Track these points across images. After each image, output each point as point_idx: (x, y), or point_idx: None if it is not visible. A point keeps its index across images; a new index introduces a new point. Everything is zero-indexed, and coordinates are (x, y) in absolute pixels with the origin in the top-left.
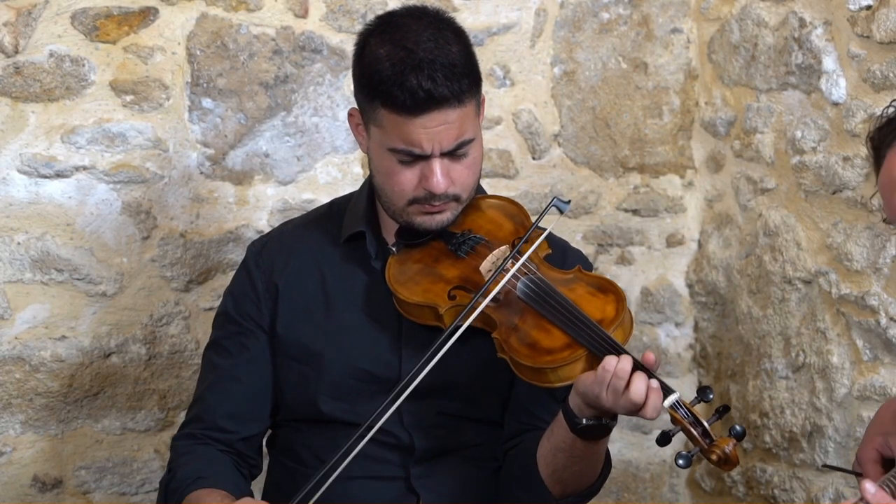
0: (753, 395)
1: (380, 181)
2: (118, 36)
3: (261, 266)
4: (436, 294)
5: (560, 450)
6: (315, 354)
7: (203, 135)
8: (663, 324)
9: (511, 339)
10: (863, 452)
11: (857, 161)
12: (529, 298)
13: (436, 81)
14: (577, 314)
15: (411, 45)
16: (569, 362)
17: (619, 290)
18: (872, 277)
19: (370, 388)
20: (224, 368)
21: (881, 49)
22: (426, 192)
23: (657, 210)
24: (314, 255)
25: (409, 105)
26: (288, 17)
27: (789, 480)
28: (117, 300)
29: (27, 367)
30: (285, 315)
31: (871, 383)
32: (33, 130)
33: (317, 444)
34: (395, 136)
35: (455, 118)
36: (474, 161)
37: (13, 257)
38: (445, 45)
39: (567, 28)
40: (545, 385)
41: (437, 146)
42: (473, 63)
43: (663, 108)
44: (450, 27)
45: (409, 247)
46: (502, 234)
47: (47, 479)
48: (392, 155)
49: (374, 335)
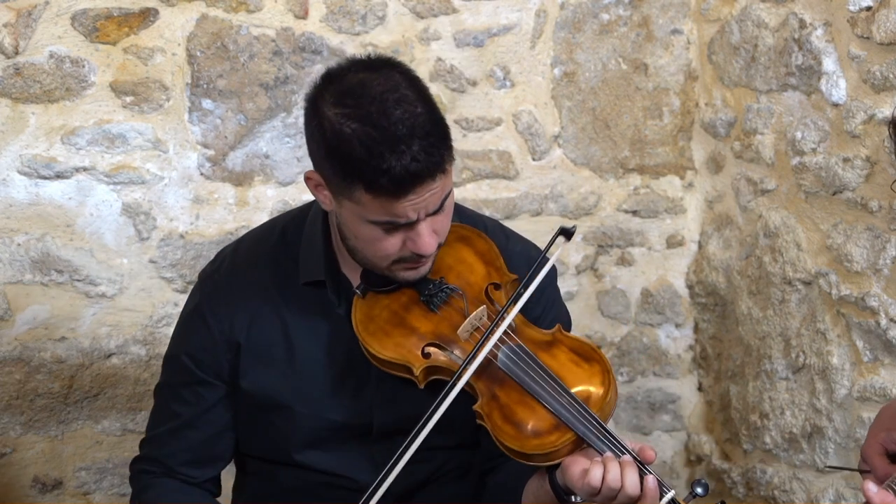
0: (753, 395)
1: (358, 245)
2: (118, 37)
3: (217, 315)
4: (408, 350)
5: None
6: (283, 407)
7: (203, 136)
8: (663, 325)
9: (493, 415)
10: (867, 449)
11: (858, 162)
12: (511, 371)
13: (418, 160)
14: (562, 392)
15: (381, 121)
16: (556, 448)
17: (603, 358)
18: (872, 278)
19: (342, 435)
20: (181, 416)
21: (881, 50)
22: (413, 253)
23: (657, 211)
24: (273, 300)
25: (392, 189)
26: (288, 18)
27: (789, 481)
28: (117, 301)
29: (27, 367)
30: (249, 369)
31: (871, 384)
32: (33, 131)
33: (285, 476)
34: (377, 211)
35: (439, 184)
36: (451, 205)
37: (13, 258)
38: (412, 109)
39: (567, 29)
40: (530, 464)
41: (423, 212)
42: (441, 119)
43: (663, 109)
44: (406, 80)
45: (375, 291)
46: (475, 278)
47: (47, 479)
48: (373, 225)
49: (343, 384)
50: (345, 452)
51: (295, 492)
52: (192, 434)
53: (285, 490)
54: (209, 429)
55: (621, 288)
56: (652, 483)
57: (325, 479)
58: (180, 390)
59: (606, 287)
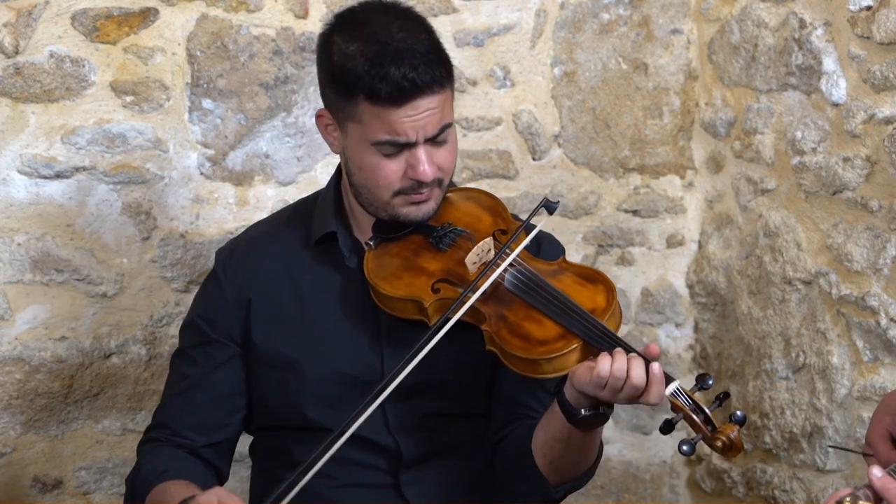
0: (753, 395)
1: (362, 178)
2: (118, 37)
3: (230, 276)
4: (419, 288)
5: (557, 440)
6: (294, 362)
7: (203, 135)
8: (663, 324)
9: (502, 331)
10: (872, 432)
11: (858, 162)
12: (519, 290)
13: (417, 70)
14: (568, 304)
15: (384, 38)
16: (563, 353)
17: (608, 279)
18: (872, 278)
19: (354, 391)
20: (189, 377)
21: (881, 50)
22: (412, 181)
23: (657, 211)
24: (284, 260)
25: (393, 95)
26: (288, 17)
27: (789, 481)
28: (117, 301)
29: (27, 367)
30: (260, 326)
31: (872, 384)
32: (33, 131)
33: (302, 450)
34: (377, 128)
35: (437, 104)
36: (453, 145)
37: (13, 258)
38: (416, 34)
39: (567, 29)
40: (539, 376)
41: (421, 133)
42: (443, 49)
43: (663, 109)
44: (412, 16)
45: (386, 241)
46: (482, 226)
47: (48, 479)
48: (375, 148)
49: (354, 337)
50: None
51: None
52: (198, 395)
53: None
54: (215, 389)
55: (621, 287)
56: (657, 369)
57: (342, 446)
58: (191, 352)
59: None
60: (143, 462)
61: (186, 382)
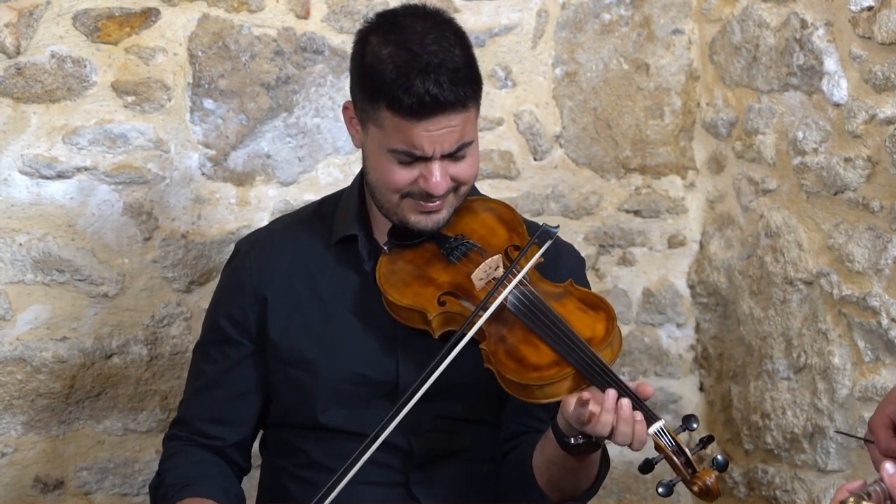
0: (755, 396)
1: (374, 177)
2: (120, 37)
3: (249, 269)
4: (425, 299)
5: (553, 463)
6: (310, 361)
7: (204, 136)
8: (664, 325)
9: (499, 352)
10: (874, 420)
11: (859, 162)
12: (519, 312)
13: (441, 86)
14: (566, 331)
15: (416, 48)
16: (555, 381)
17: (610, 307)
18: (874, 278)
19: (368, 393)
20: (208, 374)
21: (882, 50)
22: (422, 190)
23: (658, 211)
24: (304, 258)
25: (414, 108)
26: (289, 17)
27: (791, 481)
28: (119, 301)
29: (29, 367)
30: (277, 323)
31: (873, 384)
32: (35, 131)
33: (313, 448)
34: (396, 137)
35: (458, 122)
36: (474, 158)
37: (15, 258)
38: (449, 49)
39: (568, 29)
40: (531, 401)
41: (438, 149)
42: (475, 67)
43: (665, 109)
44: (451, 29)
45: (400, 247)
46: (496, 240)
47: (49, 480)
48: (391, 155)
49: (370, 339)
50: (371, 413)
51: (320, 456)
52: (216, 392)
53: (314, 462)
54: (233, 388)
55: (622, 288)
56: (640, 422)
57: (353, 447)
58: (209, 349)
59: (608, 287)
60: (166, 468)
61: (205, 379)
